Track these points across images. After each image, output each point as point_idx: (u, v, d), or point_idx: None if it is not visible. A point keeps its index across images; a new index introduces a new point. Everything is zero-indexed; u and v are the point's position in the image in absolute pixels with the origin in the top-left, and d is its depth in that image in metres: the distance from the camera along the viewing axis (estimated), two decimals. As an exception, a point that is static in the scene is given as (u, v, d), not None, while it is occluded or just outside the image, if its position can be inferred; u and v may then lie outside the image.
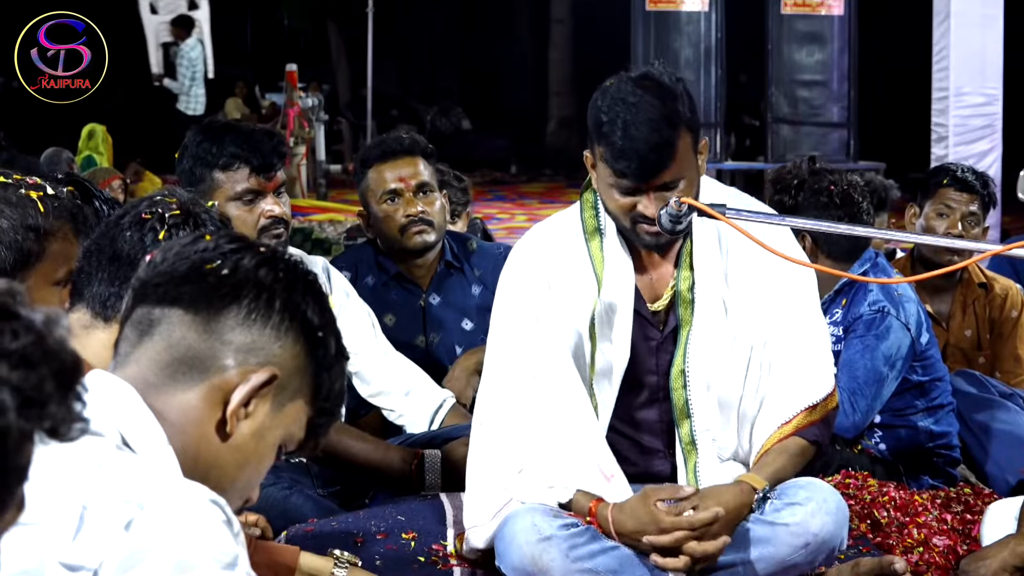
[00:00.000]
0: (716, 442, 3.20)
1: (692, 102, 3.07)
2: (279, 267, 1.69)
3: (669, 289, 3.20)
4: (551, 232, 3.25)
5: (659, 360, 3.23)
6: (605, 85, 3.09)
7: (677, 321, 3.19)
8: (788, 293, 3.20)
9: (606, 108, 3.02)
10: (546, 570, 2.96)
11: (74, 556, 1.42)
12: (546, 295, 3.17)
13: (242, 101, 20.29)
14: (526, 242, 3.27)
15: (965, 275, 4.75)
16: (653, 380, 3.24)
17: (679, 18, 13.67)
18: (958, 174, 4.75)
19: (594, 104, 3.08)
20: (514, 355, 3.18)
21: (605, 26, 19.67)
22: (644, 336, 3.22)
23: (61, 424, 1.19)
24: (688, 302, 3.17)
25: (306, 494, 3.53)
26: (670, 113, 3.00)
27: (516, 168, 23.05)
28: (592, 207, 3.21)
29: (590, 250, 3.19)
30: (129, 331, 1.67)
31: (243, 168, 3.64)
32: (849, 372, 4.00)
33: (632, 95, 3.00)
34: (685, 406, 3.18)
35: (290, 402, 1.68)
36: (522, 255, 3.25)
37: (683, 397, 3.18)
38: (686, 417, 3.19)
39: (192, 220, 2.41)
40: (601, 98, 3.06)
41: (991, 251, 3.23)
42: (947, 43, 9.23)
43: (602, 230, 3.19)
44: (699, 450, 3.18)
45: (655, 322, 3.22)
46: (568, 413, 3.13)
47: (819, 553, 3.05)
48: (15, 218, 2.52)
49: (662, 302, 3.21)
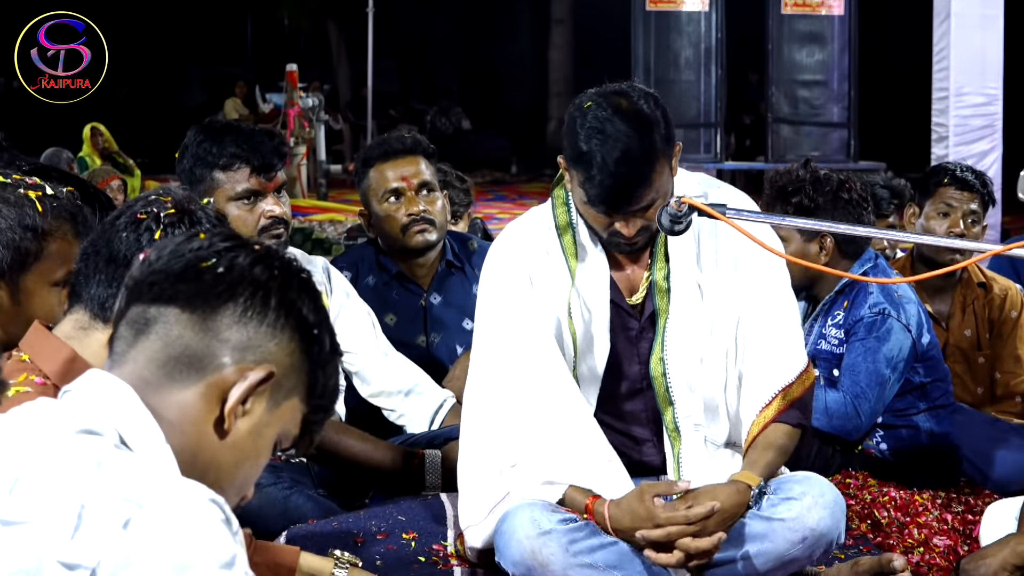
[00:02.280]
0: (701, 428, 3.21)
1: (668, 122, 3.06)
2: (274, 265, 1.69)
3: (645, 280, 3.22)
4: (526, 228, 3.27)
5: (639, 350, 3.24)
6: (583, 106, 3.05)
7: (655, 310, 3.21)
8: (756, 275, 3.22)
9: (584, 137, 3.01)
10: (546, 564, 2.96)
11: (72, 555, 1.41)
12: (528, 290, 3.19)
13: (241, 101, 20.29)
14: (504, 239, 3.28)
15: (965, 275, 4.75)
16: (635, 370, 3.25)
17: (679, 18, 13.69)
18: (957, 173, 4.76)
19: (572, 124, 3.06)
20: (500, 350, 3.19)
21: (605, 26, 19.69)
22: (623, 327, 3.23)
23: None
24: (664, 291, 3.19)
25: (307, 494, 3.53)
26: (647, 148, 2.99)
27: (516, 168, 23.08)
28: (563, 203, 3.23)
29: (563, 244, 3.21)
30: (125, 330, 1.67)
31: (243, 168, 3.64)
32: (851, 376, 4.00)
33: (610, 125, 2.99)
34: (667, 393, 3.20)
35: (286, 399, 1.68)
36: (501, 252, 3.26)
37: (664, 385, 3.20)
38: (668, 404, 3.20)
39: (188, 218, 2.41)
40: (579, 120, 3.03)
41: (992, 251, 3.22)
42: (947, 43, 9.23)
43: (574, 225, 3.21)
44: (683, 437, 3.19)
45: (633, 313, 3.24)
46: (559, 404, 3.14)
47: (817, 547, 3.05)
48: (13, 218, 2.51)
49: (639, 294, 3.23)
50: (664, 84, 13.35)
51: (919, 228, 4.78)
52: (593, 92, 3.08)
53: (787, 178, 4.16)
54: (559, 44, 24.61)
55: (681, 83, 13.77)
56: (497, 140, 24.23)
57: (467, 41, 28.71)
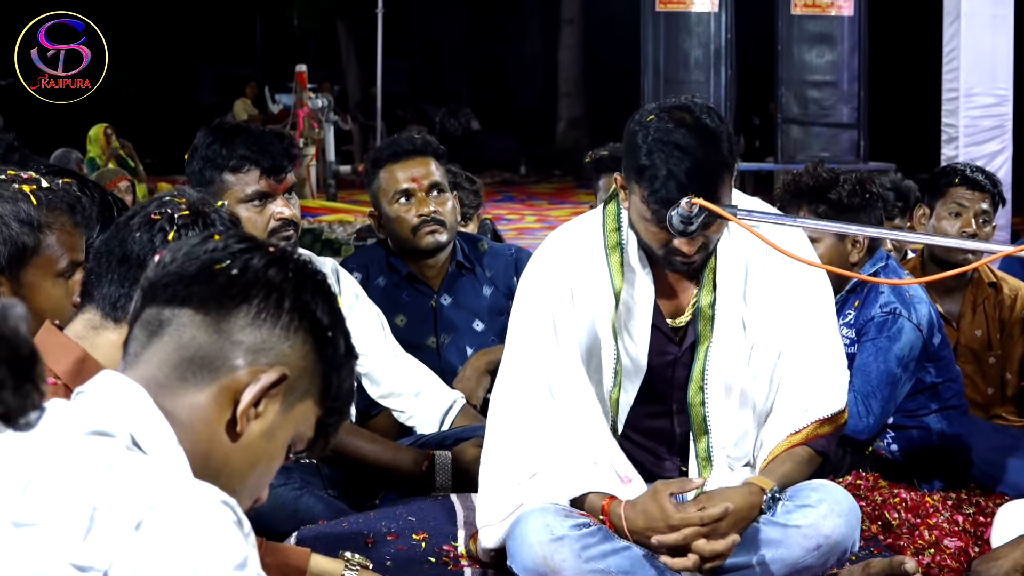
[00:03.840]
0: (731, 459, 3.20)
1: (732, 136, 3.01)
2: (288, 267, 1.68)
3: (691, 306, 3.19)
4: (573, 241, 3.23)
5: (676, 375, 3.22)
6: (644, 120, 2.98)
7: (696, 336, 3.18)
8: (806, 306, 3.19)
9: (646, 151, 2.94)
10: (558, 570, 2.96)
11: (84, 557, 1.41)
12: (568, 304, 3.17)
13: (251, 102, 20.32)
14: (549, 248, 3.25)
15: (976, 275, 4.75)
16: (670, 393, 3.23)
17: (689, 19, 13.67)
18: (967, 173, 4.76)
19: (632, 138, 2.99)
20: (532, 361, 3.17)
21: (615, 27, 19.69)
22: (662, 350, 3.21)
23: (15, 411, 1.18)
24: (709, 318, 3.15)
25: (317, 495, 3.53)
26: (714, 161, 2.92)
27: (525, 169, 23.10)
28: (615, 220, 3.18)
29: (609, 264, 3.17)
30: (139, 331, 1.67)
31: (253, 170, 3.64)
32: (863, 376, 4.00)
33: (676, 136, 2.92)
34: (703, 423, 3.17)
35: (300, 402, 1.68)
36: (544, 262, 3.23)
37: (701, 414, 3.17)
38: (704, 433, 3.18)
39: (201, 220, 2.41)
40: (641, 134, 2.97)
41: (1004, 251, 3.21)
42: (957, 44, 9.20)
43: (623, 245, 3.17)
44: (714, 466, 3.17)
45: (674, 337, 3.22)
46: (583, 422, 3.12)
47: (831, 555, 3.05)
48: (8, 213, 2.52)
49: (683, 318, 3.20)
50: (673, 85, 13.34)
51: (930, 228, 4.78)
52: (654, 107, 3.02)
53: (817, 177, 4.14)
54: (568, 45, 24.62)
55: (690, 84, 13.75)
56: (506, 141, 24.25)
57: (476, 42, 28.74)
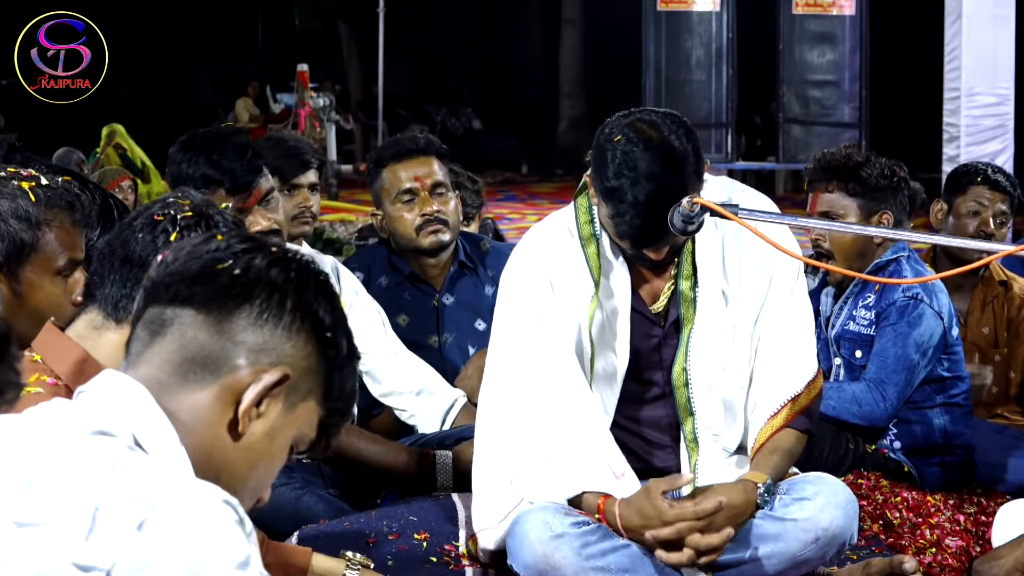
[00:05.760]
0: (719, 439, 3.21)
1: (699, 155, 3.00)
2: (291, 267, 1.68)
3: (667, 289, 3.21)
4: (549, 234, 3.25)
5: (662, 356, 3.24)
6: (613, 138, 2.98)
7: (679, 317, 3.20)
8: (775, 281, 3.21)
9: (613, 172, 2.95)
10: (558, 568, 2.96)
11: (86, 556, 1.41)
12: (549, 296, 3.18)
13: (253, 101, 20.32)
14: (526, 244, 3.27)
15: (986, 273, 4.76)
16: (658, 376, 3.25)
17: (690, 18, 13.69)
18: (989, 173, 4.79)
19: (601, 153, 3.00)
20: (518, 356, 3.18)
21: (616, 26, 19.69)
22: (646, 334, 3.23)
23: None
24: (690, 300, 3.17)
25: (318, 494, 3.53)
26: (677, 187, 2.93)
27: (527, 168, 23.09)
28: (587, 213, 3.20)
29: (586, 254, 3.19)
30: (141, 331, 1.67)
31: (219, 191, 3.59)
32: (880, 361, 4.01)
33: (641, 162, 2.93)
34: (688, 404, 3.20)
35: (302, 402, 1.68)
36: (523, 257, 3.25)
37: (685, 395, 3.19)
38: (689, 415, 3.20)
39: (204, 221, 2.41)
40: (610, 153, 2.97)
41: (1005, 251, 3.21)
42: (959, 43, 9.21)
43: (597, 236, 3.19)
44: (700, 448, 3.19)
45: (656, 320, 3.23)
46: (575, 414, 3.13)
47: (830, 548, 3.05)
48: (6, 210, 2.52)
49: (661, 302, 3.22)
50: (675, 84, 13.36)
51: (948, 224, 4.79)
52: (624, 122, 3.01)
53: (849, 155, 4.19)
54: (570, 44, 24.62)
55: (692, 83, 13.77)
56: (507, 140, 24.25)
57: (478, 41, 28.73)
